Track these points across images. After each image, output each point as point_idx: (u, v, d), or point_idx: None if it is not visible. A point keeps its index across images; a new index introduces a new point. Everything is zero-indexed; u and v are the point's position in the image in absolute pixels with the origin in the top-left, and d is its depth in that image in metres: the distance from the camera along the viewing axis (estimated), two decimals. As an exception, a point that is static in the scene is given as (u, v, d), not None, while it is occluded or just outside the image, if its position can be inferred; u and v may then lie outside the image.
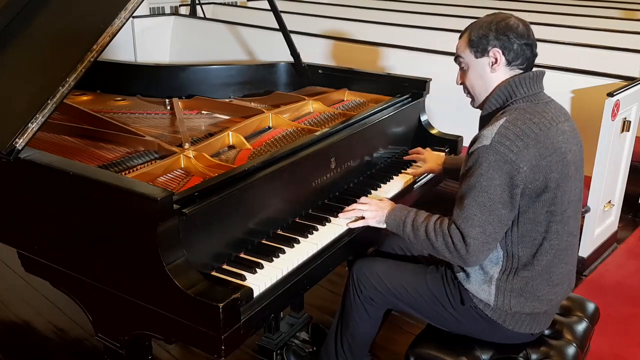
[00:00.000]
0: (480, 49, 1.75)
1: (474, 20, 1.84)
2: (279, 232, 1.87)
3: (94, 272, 1.68)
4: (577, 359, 1.82)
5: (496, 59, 1.74)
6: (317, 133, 2.09)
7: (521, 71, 1.76)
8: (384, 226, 1.88)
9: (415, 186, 2.31)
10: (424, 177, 2.37)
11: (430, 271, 1.90)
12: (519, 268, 1.73)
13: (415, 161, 2.42)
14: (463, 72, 1.84)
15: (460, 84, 1.87)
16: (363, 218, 1.91)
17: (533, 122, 1.64)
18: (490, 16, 1.78)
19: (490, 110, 1.78)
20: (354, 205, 1.94)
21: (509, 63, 1.74)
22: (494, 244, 1.68)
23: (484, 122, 1.79)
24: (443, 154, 2.45)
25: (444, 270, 1.87)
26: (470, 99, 1.88)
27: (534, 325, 1.78)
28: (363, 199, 2.00)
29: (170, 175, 1.94)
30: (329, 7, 6.45)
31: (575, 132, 1.76)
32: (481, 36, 1.74)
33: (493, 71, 1.75)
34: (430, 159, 2.31)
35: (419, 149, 2.40)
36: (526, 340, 1.83)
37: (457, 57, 1.83)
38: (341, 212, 1.95)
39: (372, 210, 1.89)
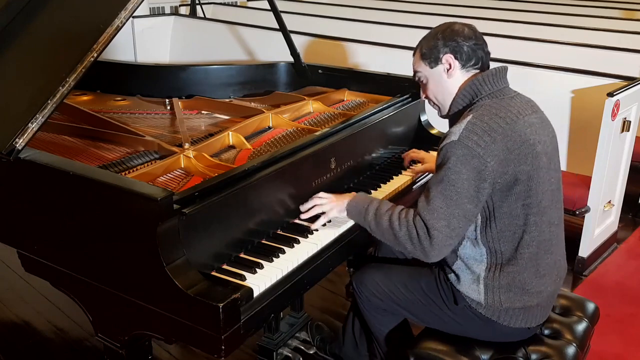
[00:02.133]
0: (433, 59, 1.80)
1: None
2: (279, 232, 1.87)
3: (94, 272, 1.68)
4: (577, 359, 1.82)
5: (450, 64, 1.78)
6: (317, 133, 2.09)
7: (477, 71, 1.79)
8: (345, 214, 1.88)
9: (414, 186, 2.31)
10: (423, 177, 2.37)
11: (424, 273, 1.91)
12: (504, 264, 1.74)
13: (416, 161, 2.42)
14: (423, 85, 1.89)
15: (425, 97, 1.92)
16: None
17: (499, 117, 1.66)
18: (436, 28, 1.84)
19: (456, 110, 1.81)
20: (312, 202, 1.91)
21: (463, 66, 1.78)
22: (456, 239, 1.69)
23: (453, 121, 1.82)
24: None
25: (437, 272, 1.88)
26: (437, 110, 1.91)
27: (529, 319, 1.79)
28: (321, 193, 1.95)
29: (170, 175, 1.94)
30: (329, 7, 6.45)
31: (545, 123, 1.77)
32: (431, 47, 1.80)
33: (450, 76, 1.80)
34: (428, 159, 2.32)
35: (414, 150, 2.40)
36: (524, 336, 1.83)
37: (415, 73, 1.89)
38: (303, 213, 1.92)
39: (332, 201, 1.90)
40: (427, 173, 2.37)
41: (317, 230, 1.87)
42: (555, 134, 1.81)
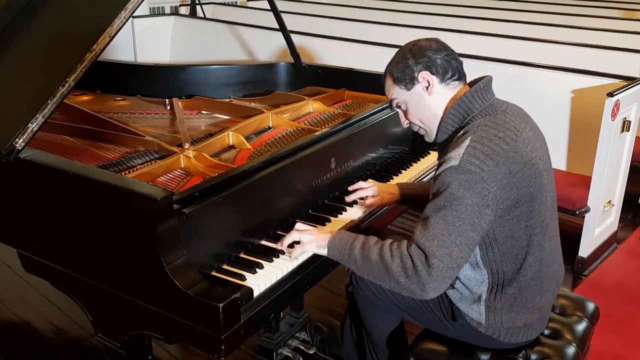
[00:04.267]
0: (408, 80, 1.69)
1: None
2: (279, 232, 1.87)
3: (93, 272, 1.68)
4: (577, 359, 1.82)
5: (428, 82, 1.67)
6: (317, 133, 2.09)
7: (457, 83, 1.69)
8: (324, 252, 1.69)
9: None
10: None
11: None
12: (506, 284, 1.68)
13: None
14: (404, 112, 1.76)
15: (408, 124, 1.78)
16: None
17: (499, 138, 1.55)
18: (400, 50, 1.73)
19: (448, 134, 1.69)
20: (292, 232, 1.73)
21: (442, 80, 1.67)
22: (457, 270, 1.55)
23: (443, 145, 1.70)
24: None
25: None
26: (424, 135, 1.78)
27: (529, 333, 1.76)
28: (299, 225, 1.77)
29: (170, 175, 1.95)
30: (329, 7, 6.45)
31: (538, 132, 1.69)
32: (402, 68, 1.69)
33: (430, 94, 1.68)
34: (382, 191, 2.04)
35: (361, 182, 2.06)
36: (525, 344, 1.82)
37: (391, 102, 1.78)
38: (286, 242, 1.73)
39: (312, 234, 1.71)
40: (383, 208, 2.09)
41: (296, 259, 1.71)
42: (545, 138, 1.73)
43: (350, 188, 2.05)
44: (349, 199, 2.03)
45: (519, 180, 1.56)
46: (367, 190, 2.03)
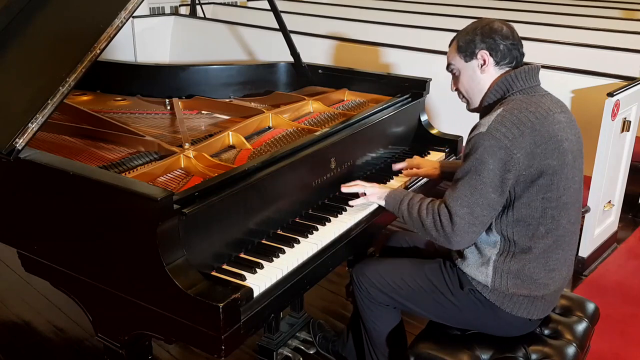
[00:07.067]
0: (468, 53, 1.84)
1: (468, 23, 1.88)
2: (279, 232, 1.87)
3: (94, 272, 1.68)
4: (577, 359, 1.82)
5: (484, 60, 1.82)
6: (317, 133, 2.10)
7: (510, 69, 1.82)
8: (383, 203, 1.97)
9: (414, 186, 2.31)
10: (416, 181, 2.33)
11: (427, 262, 1.94)
12: (516, 252, 1.77)
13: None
14: (455, 78, 1.92)
15: (455, 90, 1.95)
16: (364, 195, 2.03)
17: (529, 111, 1.70)
18: (475, 22, 1.87)
19: (487, 104, 1.85)
20: (356, 182, 2.07)
21: (497, 63, 1.82)
22: (480, 227, 1.73)
23: (483, 114, 1.85)
24: (437, 159, 2.44)
25: (442, 260, 1.92)
26: (465, 103, 1.95)
27: (532, 309, 1.80)
28: (358, 181, 2.09)
29: (170, 175, 1.94)
30: (329, 7, 6.45)
31: (573, 123, 1.80)
32: (468, 41, 1.83)
33: (483, 72, 1.84)
34: (426, 165, 2.31)
35: (408, 160, 2.34)
36: (523, 330, 1.84)
37: (448, 65, 1.92)
38: (345, 189, 2.06)
39: (376, 187, 2.02)
40: (420, 178, 2.32)
41: (352, 206, 2.01)
42: (582, 136, 1.83)
43: (395, 168, 2.34)
44: (395, 167, 2.33)
45: (543, 151, 1.69)
46: (414, 161, 2.33)
